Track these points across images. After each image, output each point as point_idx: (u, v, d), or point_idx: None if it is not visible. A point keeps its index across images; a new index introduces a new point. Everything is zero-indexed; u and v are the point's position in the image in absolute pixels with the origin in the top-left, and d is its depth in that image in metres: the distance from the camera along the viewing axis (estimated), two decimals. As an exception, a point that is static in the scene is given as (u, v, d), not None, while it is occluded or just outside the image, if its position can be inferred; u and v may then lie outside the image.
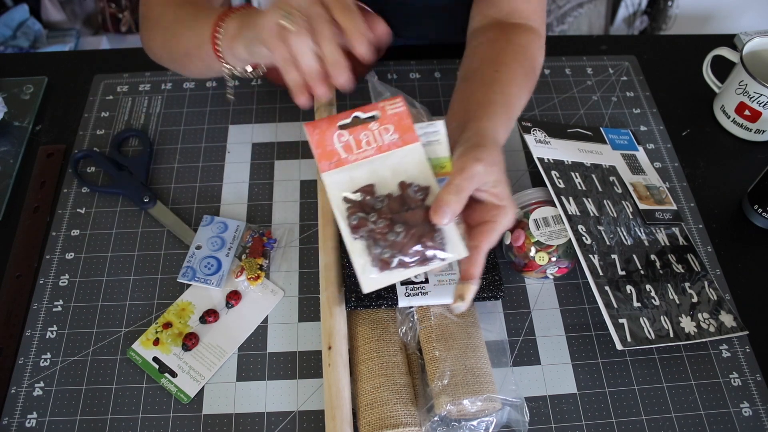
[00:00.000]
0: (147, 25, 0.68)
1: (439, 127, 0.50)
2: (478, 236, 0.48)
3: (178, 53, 0.64)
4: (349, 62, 0.46)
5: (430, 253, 0.47)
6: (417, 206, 0.47)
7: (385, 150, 0.48)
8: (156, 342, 0.60)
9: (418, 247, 0.46)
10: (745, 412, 0.58)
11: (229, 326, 0.61)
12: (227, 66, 0.58)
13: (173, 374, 0.58)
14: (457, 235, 0.48)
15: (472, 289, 0.49)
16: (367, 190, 0.47)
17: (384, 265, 0.46)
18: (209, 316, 0.61)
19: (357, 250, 0.47)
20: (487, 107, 0.56)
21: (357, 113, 0.48)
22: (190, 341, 0.60)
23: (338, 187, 0.47)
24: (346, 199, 0.47)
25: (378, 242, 0.46)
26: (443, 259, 0.47)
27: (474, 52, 0.65)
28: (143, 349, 0.60)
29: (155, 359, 0.59)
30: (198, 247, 0.65)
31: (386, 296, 0.58)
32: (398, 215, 0.46)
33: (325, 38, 0.45)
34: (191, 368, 0.59)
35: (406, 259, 0.46)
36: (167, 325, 0.61)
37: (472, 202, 0.49)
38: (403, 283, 0.59)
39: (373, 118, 0.49)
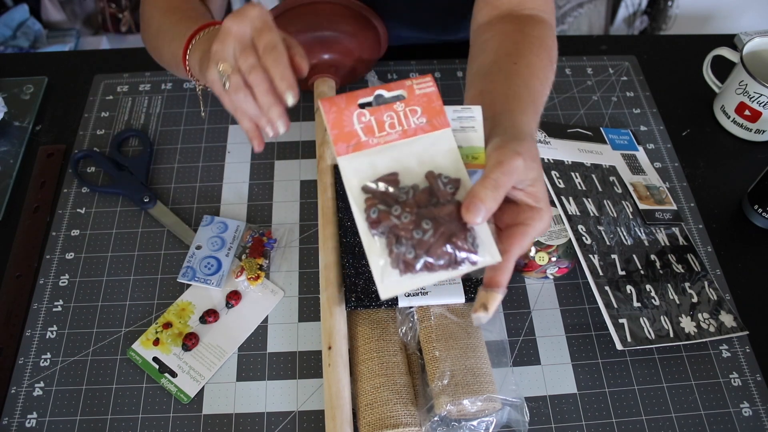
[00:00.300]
0: (142, 26, 0.70)
1: (475, 113, 0.45)
2: (509, 239, 0.43)
3: (163, 62, 0.67)
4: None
5: (461, 255, 0.41)
6: (446, 201, 0.41)
7: (411, 135, 0.43)
8: (156, 342, 0.60)
9: (447, 248, 0.40)
10: (745, 412, 0.58)
11: (229, 326, 0.61)
12: (203, 86, 0.60)
13: (173, 374, 0.58)
14: (489, 236, 0.42)
15: (498, 298, 0.43)
16: (390, 179, 0.41)
17: (407, 267, 0.40)
18: (209, 316, 0.61)
19: (376, 249, 0.40)
20: (514, 100, 0.52)
21: (380, 91, 0.43)
22: (190, 341, 0.60)
23: (356, 174, 0.41)
24: (366, 189, 0.41)
25: (401, 240, 0.40)
26: (475, 263, 0.41)
27: (485, 46, 0.61)
28: (143, 349, 0.60)
29: (155, 359, 0.59)
30: (198, 247, 0.65)
31: (386, 296, 0.58)
32: (426, 210, 0.40)
33: (258, 90, 0.48)
34: (191, 368, 0.59)
35: (432, 261, 0.40)
36: (167, 325, 0.61)
37: (504, 202, 0.43)
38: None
39: (399, 97, 0.44)
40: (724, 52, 0.77)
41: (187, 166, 0.73)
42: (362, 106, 0.43)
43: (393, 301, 0.58)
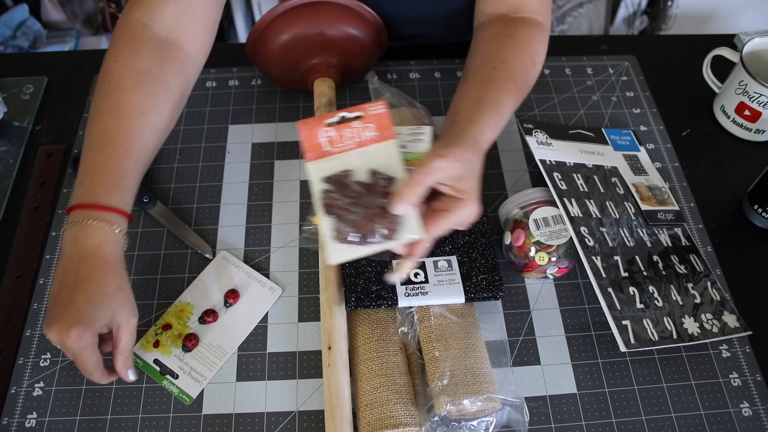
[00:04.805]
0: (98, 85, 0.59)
1: (425, 130, 0.60)
2: (431, 222, 0.52)
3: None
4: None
5: (385, 232, 0.52)
6: (380, 192, 0.52)
7: (364, 144, 0.55)
8: (156, 344, 0.60)
9: (373, 227, 0.52)
10: (745, 412, 0.58)
11: (229, 326, 0.61)
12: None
13: (174, 376, 0.58)
14: (414, 218, 0.52)
15: (409, 265, 0.55)
16: (342, 175, 0.53)
17: (344, 239, 0.52)
18: (208, 316, 0.61)
19: (326, 226, 0.52)
20: (477, 106, 0.58)
21: (343, 113, 0.55)
22: (190, 342, 0.59)
23: (317, 173, 0.54)
24: (324, 182, 0.54)
25: (341, 219, 0.52)
26: (397, 239, 0.52)
27: (476, 48, 0.66)
28: (143, 351, 0.60)
29: (156, 361, 0.59)
30: None
31: (386, 296, 0.58)
32: (360, 198, 0.52)
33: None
34: (192, 369, 0.59)
35: (363, 236, 0.52)
36: (167, 326, 0.61)
37: (438, 193, 0.53)
38: (403, 283, 0.59)
39: (359, 117, 0.55)
40: (724, 52, 0.77)
41: (187, 166, 0.73)
42: (330, 124, 0.54)
43: (393, 301, 0.58)
